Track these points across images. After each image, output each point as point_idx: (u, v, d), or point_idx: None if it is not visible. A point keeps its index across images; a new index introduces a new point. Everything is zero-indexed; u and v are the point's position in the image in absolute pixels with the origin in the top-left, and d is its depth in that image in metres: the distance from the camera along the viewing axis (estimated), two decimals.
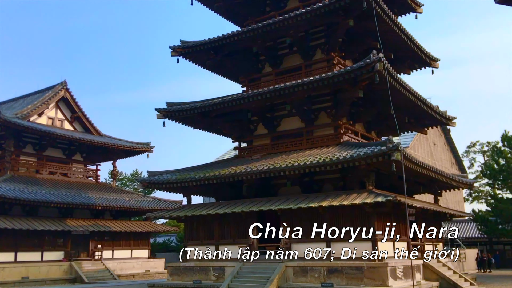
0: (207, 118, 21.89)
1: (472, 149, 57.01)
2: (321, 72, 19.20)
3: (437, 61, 23.63)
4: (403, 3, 23.17)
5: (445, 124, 24.16)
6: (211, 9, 24.38)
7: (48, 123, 31.90)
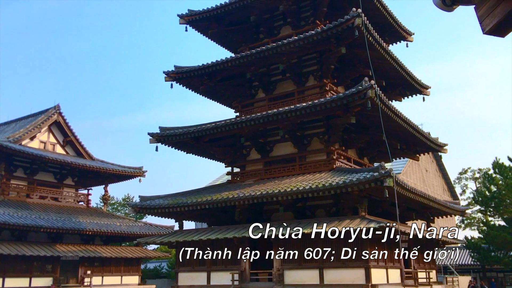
0: (200, 143, 21.91)
1: (464, 176, 57.29)
2: (314, 98, 19.38)
3: (428, 89, 23.95)
4: (394, 32, 23.64)
5: (437, 151, 24.34)
6: (205, 35, 24.68)
7: (40, 147, 31.72)
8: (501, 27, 3.20)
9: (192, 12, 23.19)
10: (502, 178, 31.77)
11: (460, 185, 56.96)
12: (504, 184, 31.10)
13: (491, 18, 3.21)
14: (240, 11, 22.54)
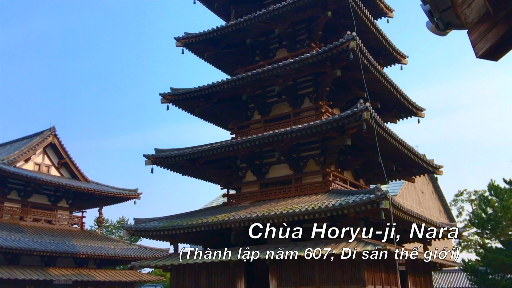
0: (196, 164, 21.86)
1: (460, 198, 57.24)
2: (310, 120, 19.45)
3: (422, 111, 24.11)
4: (388, 55, 23.90)
5: (433, 173, 24.36)
6: (201, 58, 24.87)
7: (34, 169, 31.57)
8: (494, 51, 3.23)
9: (188, 35, 23.41)
10: (498, 200, 31.73)
11: (456, 207, 56.89)
12: (500, 206, 31.05)
13: (484, 42, 3.24)
14: (236, 34, 22.77)
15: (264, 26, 22.03)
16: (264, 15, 21.04)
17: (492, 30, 3.23)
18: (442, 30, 3.60)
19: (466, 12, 3.36)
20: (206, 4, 25.87)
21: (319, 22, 21.20)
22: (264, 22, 21.60)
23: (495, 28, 3.22)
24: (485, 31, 3.28)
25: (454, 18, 3.46)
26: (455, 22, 3.50)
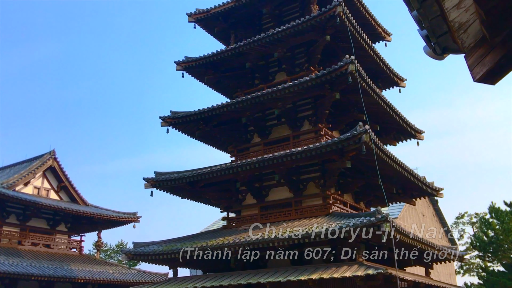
0: (195, 187, 21.82)
1: (460, 220, 56.89)
2: (309, 143, 19.49)
3: (421, 133, 24.18)
4: (387, 78, 24.10)
5: (433, 195, 24.29)
6: (201, 81, 25.06)
7: (34, 192, 31.47)
8: (491, 75, 3.28)
9: (188, 59, 23.63)
10: (499, 223, 31.58)
11: (457, 230, 56.49)
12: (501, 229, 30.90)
13: (481, 66, 3.29)
14: (236, 58, 23.00)
15: (263, 50, 22.26)
16: (263, 39, 21.29)
17: (488, 54, 3.28)
18: (439, 55, 3.65)
19: (462, 37, 3.42)
20: (206, 29, 26.19)
21: (318, 46, 21.44)
22: (263, 46, 21.84)
23: (491, 53, 3.27)
24: (482, 55, 3.33)
25: (451, 42, 3.52)
26: (452, 46, 3.56)
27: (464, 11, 3.31)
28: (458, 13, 3.31)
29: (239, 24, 25.44)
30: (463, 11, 3.31)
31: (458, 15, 3.32)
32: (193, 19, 25.18)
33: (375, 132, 18.31)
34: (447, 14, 3.25)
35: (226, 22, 25.28)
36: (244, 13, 24.67)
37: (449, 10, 3.25)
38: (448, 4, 3.19)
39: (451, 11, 3.26)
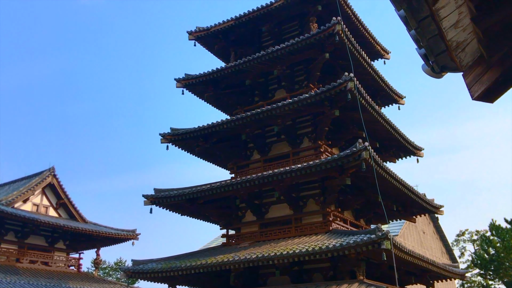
0: (195, 204, 21.74)
1: (461, 238, 56.53)
2: (309, 160, 19.48)
3: (421, 150, 24.19)
4: (386, 95, 24.22)
5: (433, 212, 24.21)
6: (201, 98, 25.15)
7: (32, 209, 31.37)
8: (489, 93, 3.31)
9: (188, 76, 23.76)
10: (499, 240, 31.44)
11: (458, 248, 56.10)
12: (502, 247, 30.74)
13: (479, 85, 3.32)
14: (236, 75, 23.12)
15: (263, 67, 22.40)
16: (263, 56, 21.43)
17: (486, 73, 3.31)
18: (438, 73, 3.68)
19: (460, 56, 3.46)
20: (206, 47, 26.39)
21: (317, 64, 21.58)
22: (263, 63, 21.98)
23: (489, 71, 3.31)
24: (480, 74, 3.37)
25: (449, 61, 3.55)
26: (450, 65, 3.60)
27: (462, 30, 3.35)
28: (455, 33, 3.35)
29: (239, 42, 25.64)
30: (461, 31, 3.35)
31: (455, 34, 3.36)
32: (193, 37, 25.39)
33: (374, 149, 18.32)
34: (444, 33, 3.29)
35: (226, 40, 25.49)
36: (244, 31, 24.90)
37: (446, 30, 3.29)
38: (445, 24, 3.23)
39: (448, 30, 3.30)
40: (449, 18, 3.22)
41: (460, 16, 3.24)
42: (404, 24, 3.38)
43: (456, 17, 3.24)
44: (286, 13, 23.55)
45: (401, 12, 3.21)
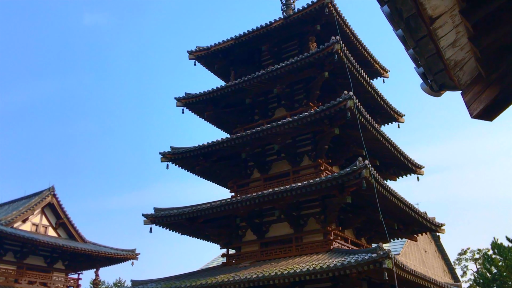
0: (195, 224, 21.62)
1: (463, 257, 56.12)
2: (309, 178, 19.43)
3: (421, 168, 24.16)
4: (385, 113, 24.29)
5: (434, 231, 24.08)
6: (201, 117, 25.22)
7: (32, 229, 31.22)
8: (488, 111, 3.32)
9: (189, 95, 23.86)
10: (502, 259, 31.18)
11: (460, 267, 55.64)
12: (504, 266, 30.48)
13: (478, 103, 3.34)
14: (236, 94, 23.22)
15: (262, 86, 22.51)
16: (263, 76, 21.55)
17: (485, 91, 3.33)
18: (436, 92, 3.71)
19: (458, 75, 3.48)
20: (206, 66, 26.56)
21: (317, 82, 21.70)
22: (263, 82, 22.10)
23: (488, 90, 3.33)
24: (479, 92, 3.38)
25: (448, 80, 3.58)
26: (449, 83, 3.62)
27: (460, 49, 3.38)
28: (453, 51, 3.38)
29: (238, 61, 25.82)
30: (459, 50, 3.38)
31: (453, 53, 3.39)
32: (194, 57, 25.57)
33: (375, 167, 18.29)
34: (442, 52, 3.32)
35: (226, 59, 25.68)
36: (244, 50, 25.09)
37: (444, 49, 3.32)
38: (443, 43, 3.27)
39: (446, 49, 3.33)
40: (446, 38, 3.25)
41: (457, 35, 3.28)
42: (402, 44, 3.41)
43: (453, 37, 3.27)
44: (286, 32, 23.77)
45: (399, 31, 3.24)
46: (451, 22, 3.15)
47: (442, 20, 3.11)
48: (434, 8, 3.00)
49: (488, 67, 3.29)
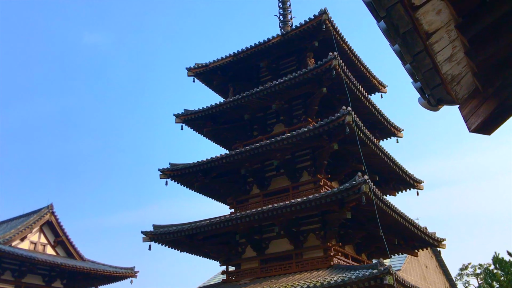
0: (194, 240, 21.50)
1: (465, 272, 55.67)
2: (309, 194, 19.39)
3: (421, 183, 24.12)
4: (384, 128, 24.34)
5: (435, 246, 23.94)
6: (200, 133, 25.25)
7: (30, 247, 30.99)
8: (486, 125, 3.33)
9: (187, 112, 23.92)
10: (503, 274, 30.92)
11: (462, 282, 55.17)
12: (506, 280, 30.20)
13: (476, 117, 3.34)
14: (234, 110, 23.29)
15: (261, 102, 22.58)
16: (261, 91, 21.64)
17: (482, 105, 3.34)
18: (434, 106, 3.72)
19: (456, 89, 3.50)
20: (205, 82, 26.67)
21: (315, 98, 21.78)
22: (262, 98, 22.17)
23: (485, 104, 3.33)
24: (476, 106, 3.39)
25: (445, 94, 3.59)
26: (446, 98, 3.63)
27: (456, 64, 3.40)
28: (450, 66, 3.40)
29: (237, 77, 25.94)
30: (455, 64, 3.40)
31: (450, 67, 3.41)
32: (192, 73, 25.69)
33: (374, 183, 18.26)
34: (439, 67, 3.34)
35: (224, 75, 25.80)
36: (242, 66, 25.23)
37: (441, 63, 3.34)
38: (440, 58, 3.29)
39: (443, 64, 3.35)
40: (443, 52, 3.27)
41: (454, 50, 3.30)
42: (399, 59, 3.43)
43: (450, 51, 3.29)
44: (284, 49, 23.93)
45: (396, 47, 3.26)
46: (447, 37, 3.18)
47: (438, 35, 3.13)
48: (430, 24, 3.03)
49: (485, 81, 3.31)
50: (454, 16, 2.96)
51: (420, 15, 2.95)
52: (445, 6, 2.91)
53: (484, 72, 3.28)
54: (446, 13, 2.99)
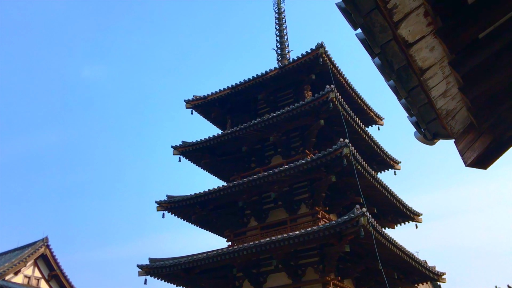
0: (191, 274, 21.15)
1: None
2: (307, 226, 19.22)
3: (420, 216, 23.98)
4: (381, 160, 24.36)
5: (435, 280, 23.61)
6: (198, 165, 25.20)
7: (24, 282, 30.46)
8: (482, 160, 3.33)
9: (185, 144, 23.93)
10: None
11: None
12: None
13: (471, 152, 3.35)
14: (232, 142, 23.32)
15: (259, 134, 22.65)
16: (259, 124, 21.73)
17: (478, 140, 3.35)
18: (430, 140, 3.73)
19: (451, 124, 3.52)
20: (203, 114, 26.79)
21: (312, 130, 21.87)
22: (259, 130, 22.24)
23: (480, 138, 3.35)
24: (471, 141, 3.41)
25: (441, 128, 3.61)
26: (442, 132, 3.65)
27: (451, 99, 3.43)
28: (445, 101, 3.43)
29: (235, 110, 26.09)
30: (450, 99, 3.43)
31: (445, 102, 3.44)
32: (191, 106, 25.85)
33: (372, 215, 18.14)
34: (434, 102, 3.37)
35: (222, 107, 25.95)
36: (240, 99, 25.41)
37: (436, 98, 3.37)
38: (434, 93, 3.32)
39: (438, 99, 3.38)
40: (437, 88, 3.31)
41: (448, 85, 3.34)
42: (395, 94, 3.47)
43: (444, 87, 3.33)
44: (281, 81, 24.17)
45: (391, 82, 3.30)
46: (441, 73, 3.22)
47: (432, 71, 3.17)
48: (424, 60, 3.07)
49: (479, 116, 3.34)
50: (447, 53, 3.00)
51: (414, 52, 3.00)
52: (438, 43, 2.96)
53: (478, 107, 3.30)
54: (439, 50, 3.04)
